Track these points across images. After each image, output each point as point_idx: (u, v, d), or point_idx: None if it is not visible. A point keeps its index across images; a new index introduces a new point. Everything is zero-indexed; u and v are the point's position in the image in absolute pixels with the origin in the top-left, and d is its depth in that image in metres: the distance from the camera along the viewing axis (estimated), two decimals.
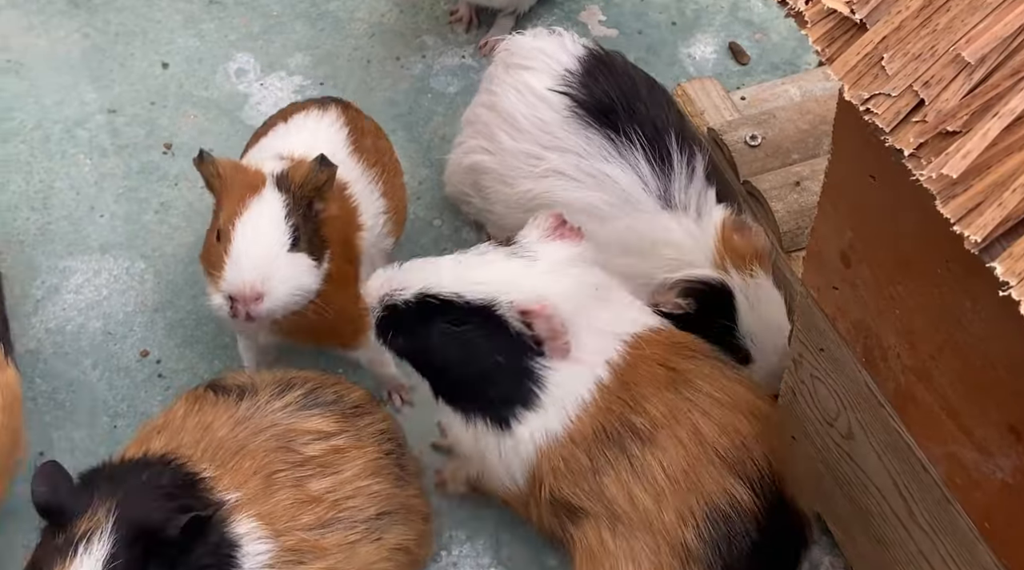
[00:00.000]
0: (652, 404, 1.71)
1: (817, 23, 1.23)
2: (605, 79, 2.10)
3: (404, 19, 2.81)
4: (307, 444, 1.71)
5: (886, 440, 1.60)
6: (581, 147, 2.06)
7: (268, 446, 1.67)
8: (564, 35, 2.21)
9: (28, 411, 2.17)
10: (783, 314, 2.03)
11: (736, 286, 1.98)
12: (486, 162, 2.19)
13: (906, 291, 1.41)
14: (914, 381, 1.46)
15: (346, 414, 1.78)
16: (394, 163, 2.24)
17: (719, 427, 1.70)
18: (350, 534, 1.68)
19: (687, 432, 1.69)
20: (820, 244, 1.58)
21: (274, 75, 2.69)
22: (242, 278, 1.81)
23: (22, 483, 2.08)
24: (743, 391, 1.76)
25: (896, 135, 1.13)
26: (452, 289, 1.71)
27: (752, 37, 2.77)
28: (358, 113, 2.23)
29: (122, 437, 2.15)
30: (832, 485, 1.84)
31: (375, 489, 1.74)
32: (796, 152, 2.24)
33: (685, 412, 1.70)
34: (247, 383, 1.78)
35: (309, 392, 1.77)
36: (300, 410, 1.74)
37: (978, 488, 1.41)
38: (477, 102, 2.27)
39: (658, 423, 1.70)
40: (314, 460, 1.69)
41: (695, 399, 1.72)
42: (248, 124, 2.59)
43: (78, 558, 1.48)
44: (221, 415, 1.70)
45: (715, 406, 1.72)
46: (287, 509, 1.64)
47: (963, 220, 1.08)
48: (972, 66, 1.12)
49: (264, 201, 1.85)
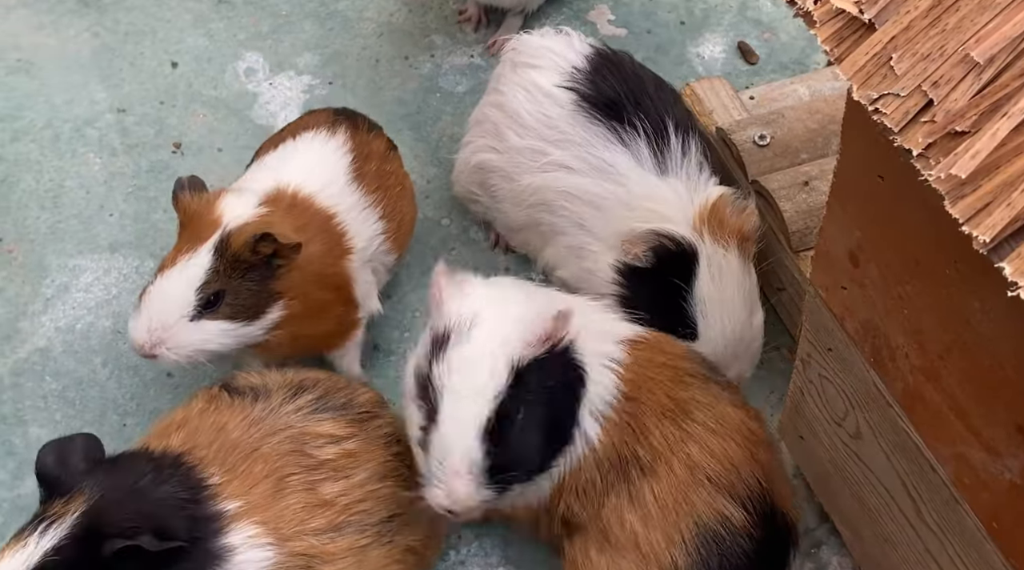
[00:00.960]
0: (654, 436, 1.74)
1: (826, 23, 1.23)
2: (612, 76, 2.11)
3: (413, 18, 2.82)
4: (320, 447, 1.71)
5: (894, 440, 1.60)
6: (583, 138, 2.07)
7: (281, 449, 1.68)
8: (572, 34, 2.21)
9: (38, 409, 2.19)
10: (743, 302, 1.99)
11: (704, 252, 1.95)
12: (493, 161, 2.19)
13: (914, 291, 1.40)
14: (922, 381, 1.46)
15: (357, 417, 1.79)
16: (400, 183, 2.22)
17: (711, 453, 1.74)
18: (361, 538, 1.68)
19: (680, 461, 1.73)
20: (828, 244, 1.58)
21: (283, 74, 2.70)
22: (137, 334, 1.89)
23: (27, 482, 2.10)
24: (734, 413, 1.79)
25: (905, 135, 1.13)
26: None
27: (761, 36, 2.77)
28: (369, 133, 2.21)
29: (131, 435, 2.16)
30: (840, 485, 1.84)
31: (385, 492, 1.75)
32: (805, 152, 2.24)
33: (680, 443, 1.74)
34: (259, 385, 1.79)
35: (321, 396, 1.78)
36: (313, 413, 1.75)
37: (986, 488, 1.41)
38: (485, 102, 2.27)
39: (658, 454, 1.73)
40: (327, 464, 1.70)
41: (691, 430, 1.75)
42: (257, 123, 2.60)
43: (27, 541, 1.49)
44: (236, 416, 1.71)
45: (709, 435, 1.75)
46: (297, 513, 1.64)
47: (972, 220, 1.07)
48: (981, 66, 1.12)
49: (191, 263, 1.88)
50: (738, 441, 1.77)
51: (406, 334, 2.29)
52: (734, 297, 1.97)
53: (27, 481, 2.09)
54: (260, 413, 1.72)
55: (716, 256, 1.95)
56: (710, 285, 1.95)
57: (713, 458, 1.74)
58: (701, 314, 1.96)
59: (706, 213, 1.97)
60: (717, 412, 1.78)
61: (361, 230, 2.07)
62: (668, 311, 1.95)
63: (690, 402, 1.77)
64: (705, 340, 1.96)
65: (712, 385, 1.81)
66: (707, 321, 1.96)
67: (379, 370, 2.25)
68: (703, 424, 1.76)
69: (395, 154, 2.26)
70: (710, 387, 1.81)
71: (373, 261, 2.13)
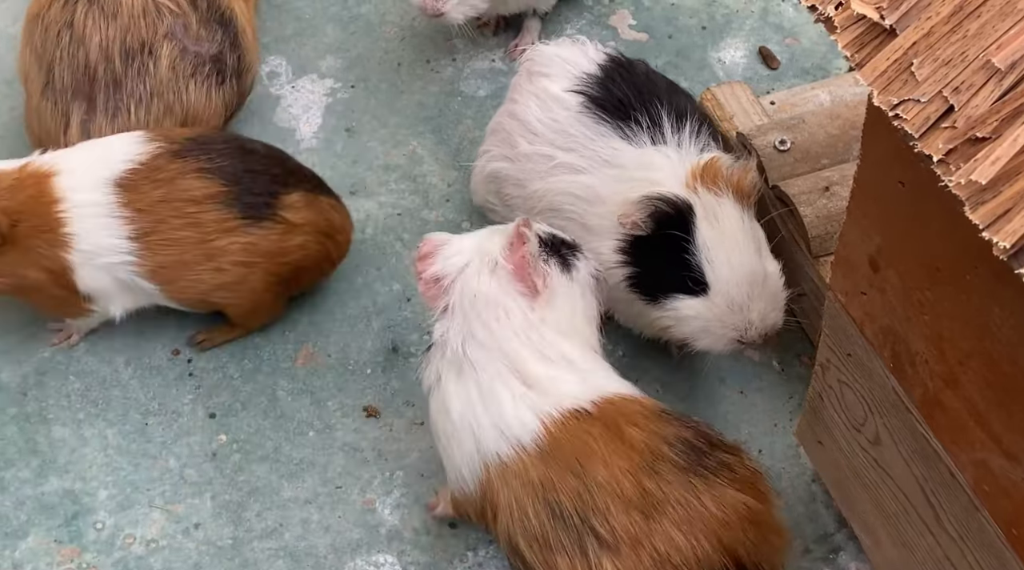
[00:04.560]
0: (616, 519, 1.68)
1: (847, 28, 1.23)
2: (624, 80, 2.12)
3: (435, 23, 2.83)
4: None
5: (913, 446, 1.59)
6: (588, 136, 2.07)
7: None
8: (587, 44, 2.22)
9: (62, 408, 2.21)
10: (747, 241, 1.97)
11: (699, 203, 1.94)
12: (506, 169, 2.20)
13: (935, 297, 1.40)
14: (942, 387, 1.45)
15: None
16: (208, 240, 2.12)
17: (677, 549, 1.68)
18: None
19: (648, 555, 1.67)
20: (848, 249, 1.57)
21: (306, 78, 2.71)
22: None
23: (50, 480, 2.12)
24: (728, 505, 1.71)
25: (925, 141, 1.13)
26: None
27: (782, 42, 2.77)
28: (199, 176, 2.11)
29: (153, 435, 2.18)
30: (859, 490, 1.83)
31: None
32: (826, 157, 2.24)
33: (648, 536, 1.68)
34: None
35: None
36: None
37: (1006, 495, 1.40)
38: (501, 111, 2.28)
39: (620, 539, 1.68)
40: None
41: (661, 525, 1.68)
42: (279, 126, 2.62)
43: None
44: None
45: (679, 531, 1.68)
46: None
47: (992, 226, 1.07)
48: (1002, 72, 1.12)
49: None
50: (714, 534, 1.69)
51: (425, 336, 2.30)
52: (736, 236, 1.95)
53: (51, 479, 2.12)
54: None
55: (711, 204, 1.94)
56: (709, 230, 1.93)
57: (679, 553, 1.67)
58: (707, 260, 1.93)
59: (699, 171, 1.97)
60: (692, 510, 1.69)
61: (93, 235, 2.08)
62: (676, 270, 1.94)
63: (662, 499, 1.69)
64: (716, 285, 1.94)
65: (691, 476, 1.71)
66: (713, 265, 1.93)
67: (399, 372, 2.26)
68: (673, 521, 1.68)
69: (226, 217, 2.11)
70: (687, 481, 1.71)
71: (117, 273, 2.12)
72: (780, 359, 2.26)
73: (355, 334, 2.31)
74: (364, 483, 2.13)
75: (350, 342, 2.30)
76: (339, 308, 2.35)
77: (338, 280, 2.38)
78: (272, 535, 2.07)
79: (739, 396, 2.23)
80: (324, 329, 2.32)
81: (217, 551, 2.05)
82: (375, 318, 2.33)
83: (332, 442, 2.18)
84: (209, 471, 2.15)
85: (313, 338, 2.31)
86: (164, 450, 2.17)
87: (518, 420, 1.76)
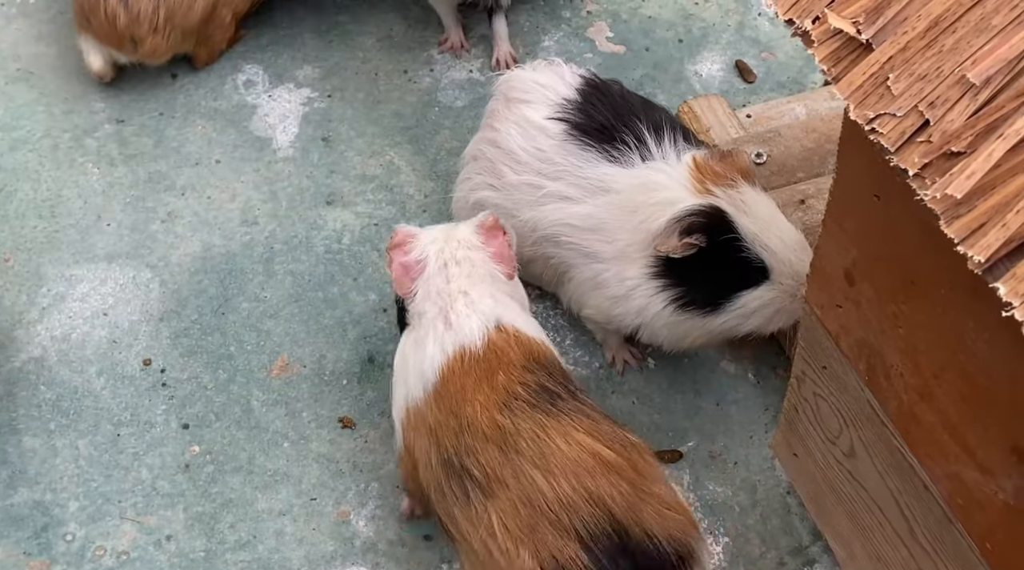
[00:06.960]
0: (482, 456, 1.73)
1: (823, 43, 1.23)
2: (602, 104, 2.13)
3: (412, 33, 2.82)
4: None
5: (888, 459, 1.60)
6: (574, 164, 2.09)
7: None
8: (562, 67, 2.24)
9: (32, 418, 2.18)
10: (781, 216, 2.01)
11: (723, 201, 1.97)
12: (492, 198, 2.20)
13: (909, 310, 1.41)
14: (917, 400, 1.46)
15: None
16: None
17: (540, 491, 1.70)
18: None
19: (516, 497, 1.70)
20: (824, 262, 1.58)
21: (282, 87, 2.70)
22: None
23: (20, 491, 2.09)
24: (577, 446, 1.73)
25: (901, 155, 1.14)
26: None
27: (759, 55, 2.78)
28: None
29: (125, 446, 2.16)
30: (833, 503, 1.84)
31: None
32: (801, 170, 2.25)
33: (513, 475, 1.71)
34: None
35: None
36: None
37: (980, 509, 1.41)
38: (479, 138, 2.28)
39: (489, 477, 1.72)
40: None
41: (518, 463, 1.72)
42: (256, 135, 2.61)
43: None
44: None
45: (534, 470, 1.71)
46: None
47: (967, 240, 1.08)
48: (977, 87, 1.13)
49: None
50: (583, 475, 1.70)
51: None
52: (771, 213, 1.99)
53: (20, 490, 2.09)
54: None
55: (733, 197, 1.98)
56: (747, 220, 1.96)
57: (543, 496, 1.69)
58: (762, 248, 1.96)
59: (698, 173, 2.00)
60: (544, 446, 1.72)
61: None
62: (732, 271, 1.96)
63: (517, 434, 1.73)
64: (778, 266, 1.96)
65: (538, 414, 1.76)
66: (770, 249, 1.96)
67: (375, 383, 2.25)
68: (528, 458, 1.72)
69: None
70: (536, 414, 1.76)
71: None
72: (756, 371, 2.27)
73: (331, 344, 2.30)
74: (339, 495, 2.12)
75: (326, 352, 2.29)
76: (314, 318, 2.34)
77: (314, 290, 2.37)
78: (245, 547, 2.06)
79: (715, 408, 2.23)
80: (299, 339, 2.31)
81: (189, 563, 2.04)
82: (351, 328, 2.33)
83: (307, 453, 2.17)
84: (182, 482, 2.13)
85: (288, 348, 2.29)
86: (136, 461, 2.15)
87: (431, 361, 1.83)
